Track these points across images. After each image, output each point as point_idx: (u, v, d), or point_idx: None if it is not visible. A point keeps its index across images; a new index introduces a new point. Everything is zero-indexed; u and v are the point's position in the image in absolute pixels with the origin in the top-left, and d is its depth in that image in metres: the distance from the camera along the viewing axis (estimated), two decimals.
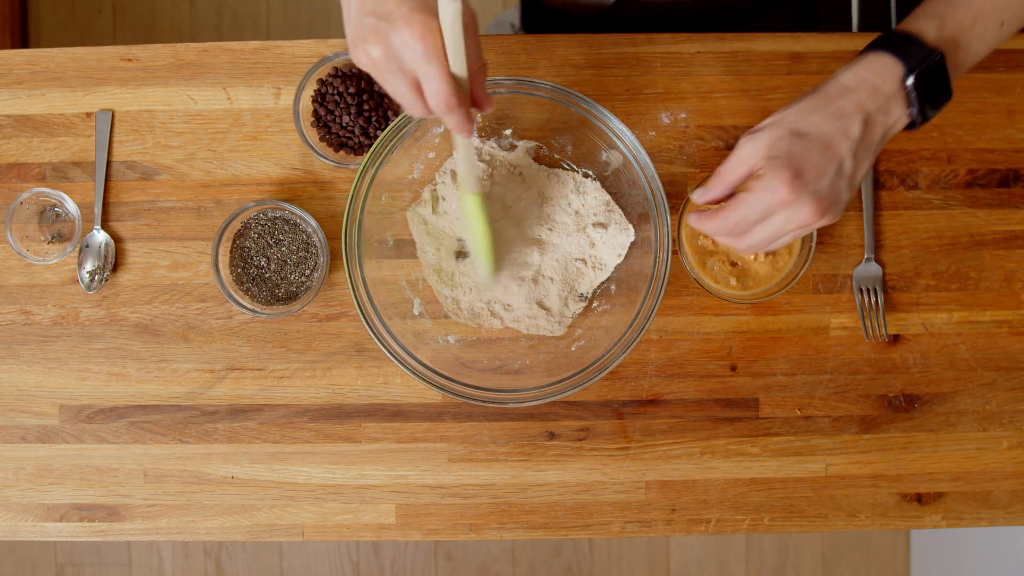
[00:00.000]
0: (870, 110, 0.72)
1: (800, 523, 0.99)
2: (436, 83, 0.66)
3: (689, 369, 0.98)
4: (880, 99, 0.72)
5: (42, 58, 0.99)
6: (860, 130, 0.72)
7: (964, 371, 0.99)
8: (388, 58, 0.66)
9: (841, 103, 0.72)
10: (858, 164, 0.73)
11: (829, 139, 0.71)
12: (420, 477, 0.99)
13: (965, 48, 0.76)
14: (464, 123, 0.70)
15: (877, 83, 0.73)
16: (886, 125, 0.73)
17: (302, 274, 0.97)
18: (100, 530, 1.00)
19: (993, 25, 0.76)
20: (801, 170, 0.70)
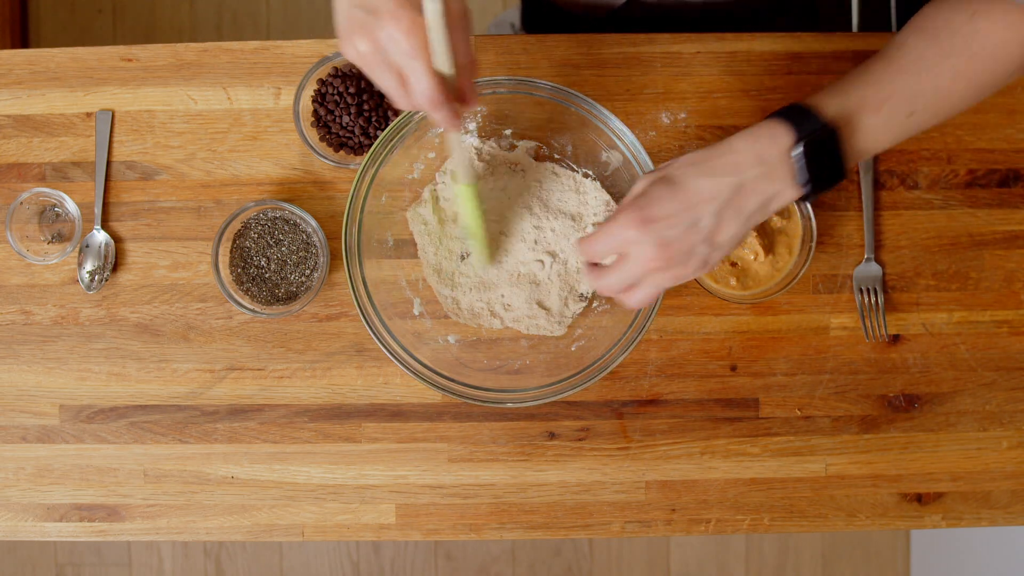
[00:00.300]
0: (747, 176, 0.72)
1: (800, 523, 0.99)
2: (419, 79, 0.67)
3: (689, 369, 0.98)
4: (762, 167, 0.72)
5: (42, 58, 0.99)
6: (730, 193, 0.71)
7: (964, 371, 0.99)
8: (375, 52, 0.67)
9: (720, 162, 0.72)
10: (721, 225, 0.72)
11: (694, 194, 0.71)
12: (420, 477, 0.99)
13: (866, 131, 0.75)
14: (449, 118, 0.70)
15: (762, 150, 0.72)
16: (765, 193, 0.72)
17: (302, 274, 0.97)
18: (100, 530, 1.00)
19: (901, 113, 0.75)
20: (652, 215, 0.71)
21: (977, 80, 0.76)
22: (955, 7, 0.76)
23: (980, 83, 0.76)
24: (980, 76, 0.75)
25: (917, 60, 0.75)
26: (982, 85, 0.76)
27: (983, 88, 0.77)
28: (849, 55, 0.98)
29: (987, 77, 0.76)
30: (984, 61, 0.75)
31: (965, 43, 0.74)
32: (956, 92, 0.76)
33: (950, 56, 0.74)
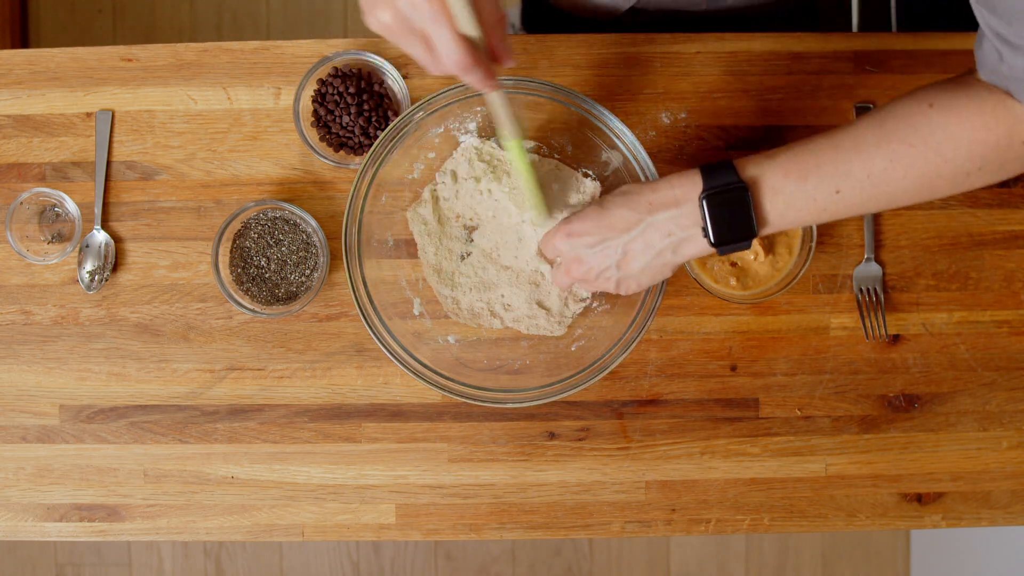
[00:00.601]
0: (659, 216, 0.77)
1: (800, 523, 0.99)
2: (446, 44, 0.66)
3: (689, 369, 0.98)
4: (674, 210, 0.77)
5: (42, 58, 0.99)
6: (640, 228, 0.78)
7: (964, 371, 0.99)
8: (398, 21, 0.66)
9: (641, 198, 0.78)
10: (628, 255, 0.79)
11: (611, 221, 0.79)
12: (420, 477, 0.99)
13: (785, 197, 0.75)
14: (484, 80, 0.69)
15: (678, 195, 0.77)
16: (674, 235, 0.77)
17: (302, 274, 0.97)
18: (100, 530, 1.00)
19: (826, 188, 0.74)
20: (574, 230, 0.80)
21: (918, 170, 0.73)
22: (917, 98, 0.74)
23: (923, 174, 0.73)
24: (923, 167, 0.73)
25: (857, 141, 0.74)
26: (926, 177, 0.73)
27: (929, 182, 0.73)
28: (849, 55, 0.98)
29: (931, 169, 0.73)
30: (928, 152, 0.72)
31: (911, 132, 0.72)
32: (893, 179, 0.73)
33: (892, 142, 0.73)
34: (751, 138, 0.98)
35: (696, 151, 0.98)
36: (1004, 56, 0.68)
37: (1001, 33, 0.67)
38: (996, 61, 0.69)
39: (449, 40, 0.65)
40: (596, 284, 0.83)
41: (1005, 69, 0.69)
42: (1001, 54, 0.68)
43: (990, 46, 0.69)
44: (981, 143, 0.71)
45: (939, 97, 0.73)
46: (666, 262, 0.79)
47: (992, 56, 0.69)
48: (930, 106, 0.72)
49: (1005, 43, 0.67)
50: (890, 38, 0.98)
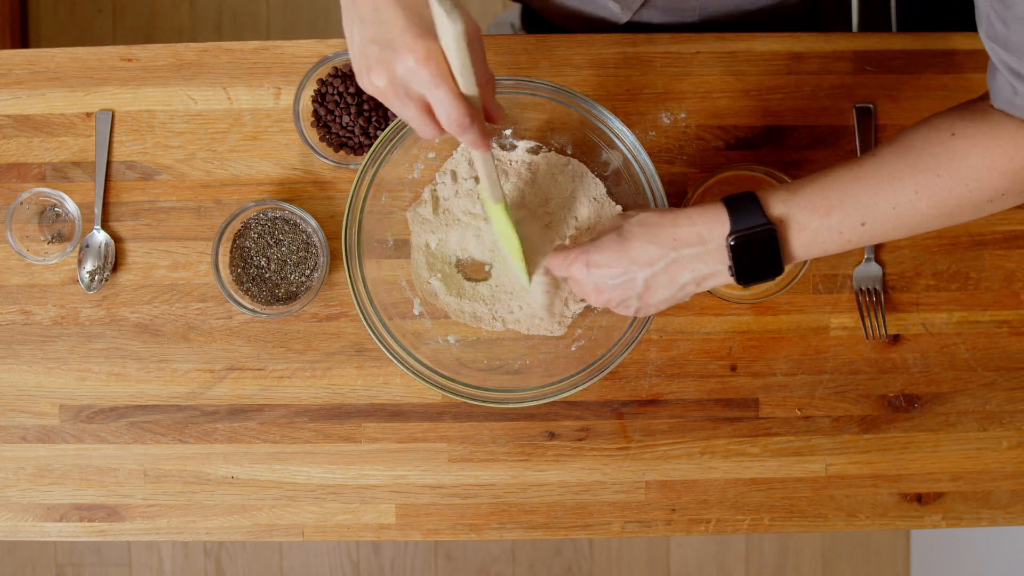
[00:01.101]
0: (684, 253, 0.76)
1: (800, 523, 0.99)
2: (447, 106, 0.66)
3: (689, 369, 0.98)
4: (699, 247, 0.76)
5: (42, 58, 0.99)
6: (665, 265, 0.77)
7: (964, 371, 0.99)
8: (394, 86, 0.66)
9: (665, 234, 0.76)
10: (651, 289, 0.78)
11: (634, 255, 0.77)
12: (420, 477, 0.99)
13: (813, 233, 0.75)
14: (480, 139, 0.69)
15: (703, 232, 0.76)
16: (699, 272, 0.77)
17: (302, 274, 0.97)
18: (100, 530, 1.00)
19: (852, 221, 0.74)
20: (595, 260, 0.79)
21: (943, 200, 0.73)
22: (937, 126, 0.74)
23: (947, 204, 0.73)
24: (947, 198, 0.73)
25: (881, 172, 0.74)
26: (950, 207, 0.74)
27: (952, 211, 0.74)
28: (849, 55, 0.98)
29: (955, 199, 0.73)
30: (953, 183, 0.72)
31: (935, 162, 0.72)
32: (919, 210, 0.74)
33: (916, 173, 0.73)
34: (751, 138, 0.98)
35: (696, 151, 0.98)
36: (1018, 90, 0.69)
37: (1014, 68, 0.67)
38: (1010, 94, 0.70)
39: (450, 102, 0.65)
40: (615, 310, 0.82)
41: (1019, 101, 0.69)
42: (1015, 88, 0.69)
43: (1004, 79, 0.70)
44: (1003, 173, 0.72)
45: (960, 126, 0.73)
46: (688, 293, 0.79)
47: (1006, 89, 0.70)
48: (952, 135, 0.73)
49: (1018, 77, 0.68)
50: (890, 38, 0.98)
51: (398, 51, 0.64)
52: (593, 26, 1.05)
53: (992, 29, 0.67)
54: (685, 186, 0.98)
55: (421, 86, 0.65)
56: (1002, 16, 0.65)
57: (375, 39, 0.65)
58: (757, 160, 0.98)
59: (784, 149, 0.98)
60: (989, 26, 0.68)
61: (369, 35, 0.66)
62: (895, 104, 0.98)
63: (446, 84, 0.65)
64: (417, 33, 0.64)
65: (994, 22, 0.66)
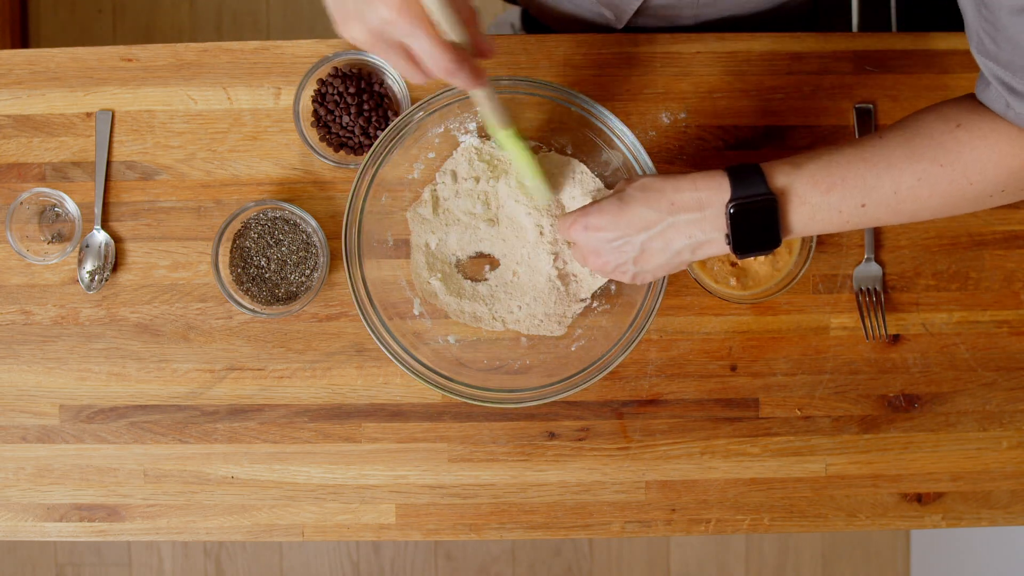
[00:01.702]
0: (681, 218, 0.76)
1: (800, 523, 0.99)
2: (429, 53, 0.65)
3: (689, 369, 0.98)
4: (698, 213, 0.76)
5: (42, 58, 0.99)
6: (661, 229, 0.77)
7: (964, 371, 0.99)
8: (372, 36, 0.65)
9: (665, 199, 0.76)
10: (645, 253, 0.78)
11: (631, 218, 0.77)
12: (420, 477, 0.99)
13: (811, 208, 0.75)
14: (472, 79, 0.68)
15: (703, 199, 0.76)
16: (696, 238, 0.77)
17: (302, 274, 0.97)
18: (100, 530, 1.00)
19: (852, 201, 0.75)
20: (593, 223, 0.79)
21: (944, 190, 0.73)
22: (943, 115, 0.74)
23: (948, 194, 0.74)
24: (948, 187, 0.73)
25: (884, 155, 0.74)
26: (951, 197, 0.74)
27: (953, 201, 0.74)
28: (849, 55, 0.98)
29: (956, 189, 0.73)
30: (955, 173, 0.73)
31: (939, 151, 0.73)
32: (919, 197, 0.74)
33: (921, 160, 0.73)
34: (751, 138, 0.98)
35: (696, 151, 0.98)
36: (1011, 104, 0.69)
37: (1007, 82, 0.67)
38: (1003, 107, 0.70)
39: (432, 48, 0.65)
40: (611, 275, 0.82)
41: (1012, 115, 0.70)
42: (1008, 102, 0.69)
43: (996, 92, 0.70)
44: (1007, 168, 0.72)
45: (967, 118, 0.73)
46: (684, 260, 0.79)
47: (999, 102, 0.70)
48: (957, 126, 0.73)
49: (1012, 92, 0.68)
50: (890, 38, 0.98)
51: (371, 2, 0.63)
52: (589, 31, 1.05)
53: (983, 45, 0.67)
54: None
55: (400, 35, 0.64)
56: (992, 35, 0.65)
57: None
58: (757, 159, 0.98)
59: (784, 149, 0.98)
60: (979, 43, 0.68)
61: None
62: (895, 104, 0.98)
63: (424, 31, 0.64)
64: None
65: (984, 40, 0.67)
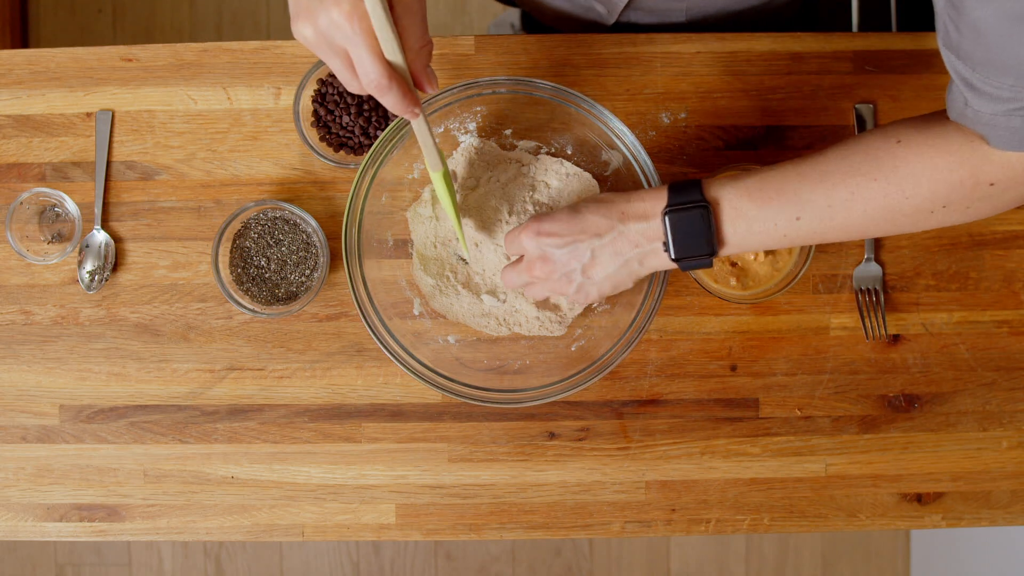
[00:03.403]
0: (630, 227, 0.78)
1: (800, 523, 0.99)
2: (364, 65, 0.66)
3: (689, 369, 0.98)
4: (643, 223, 0.78)
5: (42, 58, 0.99)
6: (611, 236, 0.79)
7: (964, 371, 0.99)
8: (319, 37, 0.66)
9: (614, 208, 0.79)
10: (596, 260, 0.80)
11: (583, 225, 0.79)
12: (420, 477, 0.99)
13: (748, 221, 0.76)
14: (401, 103, 0.70)
15: (647, 208, 0.78)
16: (640, 247, 0.79)
17: (302, 274, 0.97)
18: (100, 530, 1.00)
19: (787, 215, 0.75)
20: (545, 229, 0.80)
21: (879, 204, 0.73)
22: (886, 132, 0.74)
23: (884, 207, 0.74)
24: (883, 200, 0.73)
25: (820, 170, 0.75)
26: (887, 211, 0.74)
27: (890, 216, 0.74)
28: (849, 55, 0.98)
29: (892, 203, 0.73)
30: (889, 187, 0.73)
31: (875, 166, 0.73)
32: (853, 212, 0.74)
33: (855, 175, 0.74)
34: (751, 138, 0.98)
35: (696, 151, 0.98)
36: (969, 101, 0.68)
37: (966, 77, 0.67)
38: (962, 105, 0.70)
39: (368, 60, 0.66)
40: (556, 285, 0.82)
41: (970, 113, 0.69)
42: (967, 99, 0.68)
43: (957, 91, 0.70)
44: (944, 182, 0.72)
45: (907, 134, 0.73)
46: (631, 272, 0.80)
47: (959, 100, 0.70)
48: (897, 142, 0.73)
49: (970, 88, 0.67)
50: (890, 38, 0.98)
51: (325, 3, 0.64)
52: (581, 28, 1.05)
53: (947, 36, 0.67)
54: None
55: (343, 41, 0.66)
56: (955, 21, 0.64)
57: None
58: (757, 160, 0.98)
59: (784, 149, 0.98)
60: (945, 33, 0.67)
61: None
62: (895, 104, 0.98)
63: (365, 42, 0.65)
64: None
65: (948, 28, 0.66)
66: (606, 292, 0.82)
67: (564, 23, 1.07)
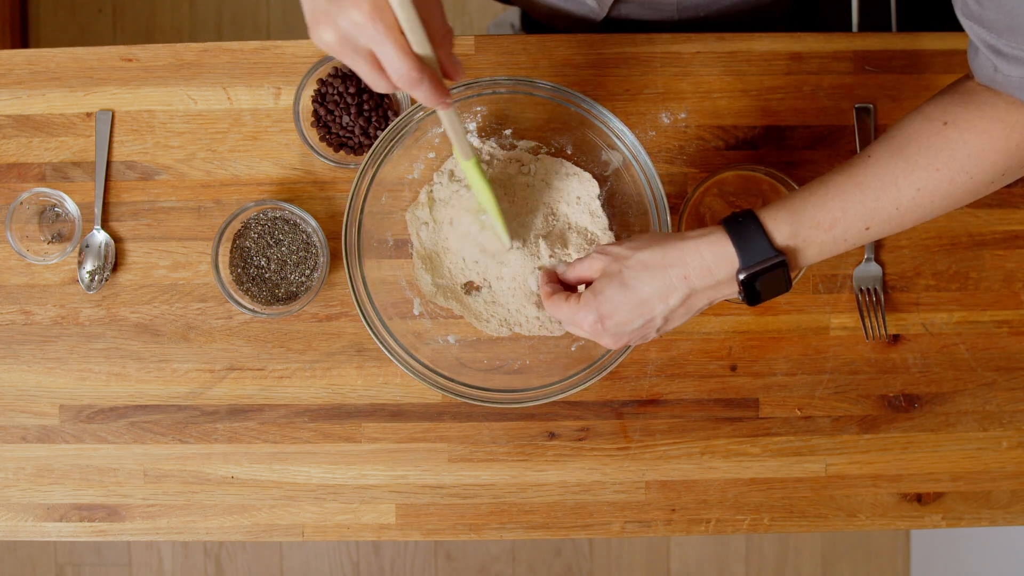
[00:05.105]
0: (696, 287, 0.75)
1: (800, 523, 0.99)
2: (394, 61, 0.65)
3: (689, 369, 0.98)
4: (710, 280, 0.74)
5: (42, 58, 0.99)
6: (680, 300, 0.75)
7: (964, 371, 0.99)
8: (341, 40, 0.65)
9: (673, 272, 0.74)
10: (669, 322, 0.77)
11: (646, 299, 0.75)
12: (420, 477, 0.99)
13: (818, 247, 0.75)
14: (434, 95, 0.68)
15: (711, 266, 0.74)
16: (712, 298, 0.76)
17: (302, 274, 0.97)
18: (100, 530, 1.00)
19: (856, 228, 0.74)
20: (605, 316, 0.76)
21: (944, 192, 0.73)
22: (928, 116, 0.73)
23: (948, 195, 0.73)
24: (948, 188, 0.72)
25: (879, 175, 0.73)
26: (953, 194, 0.73)
27: (957, 196, 0.73)
28: (849, 55, 0.98)
29: (957, 187, 0.72)
30: (953, 172, 0.72)
31: (932, 156, 0.72)
32: (921, 206, 0.73)
33: (916, 170, 0.72)
34: (751, 138, 0.98)
35: (696, 151, 0.98)
36: (999, 67, 0.68)
37: (992, 44, 0.67)
38: (991, 71, 0.69)
39: (396, 56, 0.64)
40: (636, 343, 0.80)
41: (1000, 79, 0.69)
42: (996, 65, 0.68)
43: (984, 58, 0.69)
44: (1003, 152, 0.71)
45: (951, 112, 0.72)
46: (700, 310, 0.78)
47: (987, 67, 0.69)
48: (944, 124, 0.72)
49: (998, 54, 0.67)
50: (890, 38, 0.98)
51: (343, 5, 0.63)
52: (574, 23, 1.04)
53: (967, 8, 0.67)
54: (685, 186, 0.98)
55: (367, 41, 0.64)
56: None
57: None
58: (757, 160, 0.98)
59: (784, 149, 0.98)
60: (964, 5, 0.67)
61: None
62: (895, 104, 0.98)
63: (392, 39, 0.64)
64: None
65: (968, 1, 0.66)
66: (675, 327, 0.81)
67: (558, 19, 1.07)
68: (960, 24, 0.73)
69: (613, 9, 0.99)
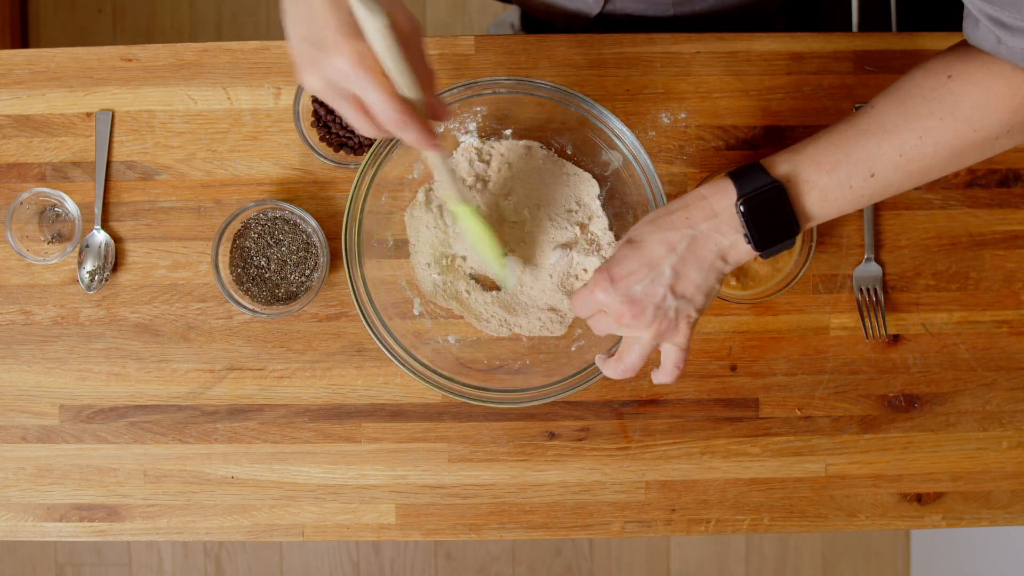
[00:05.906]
0: (700, 229, 0.74)
1: (800, 523, 0.99)
2: (379, 104, 0.65)
3: (689, 369, 0.98)
4: (713, 220, 0.74)
5: (42, 58, 0.99)
6: (685, 245, 0.74)
7: (964, 371, 0.99)
8: (327, 86, 0.65)
9: (675, 217, 0.74)
10: (681, 275, 0.74)
11: (652, 249, 0.74)
12: (420, 477, 0.99)
13: (822, 190, 0.74)
14: (423, 138, 0.68)
15: (712, 204, 0.74)
16: (719, 244, 0.74)
17: (302, 274, 0.97)
18: (100, 530, 1.00)
19: (860, 173, 0.73)
20: (616, 273, 0.75)
21: (949, 142, 0.73)
22: (930, 71, 0.74)
23: (953, 146, 0.73)
24: (952, 138, 0.73)
25: (881, 122, 0.73)
26: (956, 148, 0.73)
27: (959, 152, 0.73)
28: (849, 55, 0.98)
29: (961, 140, 0.72)
30: (956, 123, 0.72)
31: (935, 106, 0.72)
32: (925, 155, 0.73)
33: (919, 119, 0.72)
34: (751, 138, 0.98)
35: (696, 151, 0.98)
36: (1002, 39, 0.68)
37: (995, 16, 0.67)
38: (995, 43, 0.69)
39: (381, 100, 0.64)
40: (653, 323, 0.75)
41: (1004, 51, 0.69)
42: (999, 37, 0.68)
43: (986, 30, 0.69)
44: (1007, 108, 0.71)
45: (955, 67, 0.72)
46: (718, 272, 0.76)
47: (990, 38, 0.70)
48: (948, 77, 0.72)
49: (1001, 26, 0.67)
50: (890, 38, 0.99)
51: (327, 52, 0.63)
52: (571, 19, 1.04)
53: None
54: (685, 186, 0.98)
55: (352, 87, 0.64)
56: None
57: (306, 38, 0.64)
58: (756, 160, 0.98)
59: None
60: None
61: (302, 33, 0.65)
62: None
63: (376, 83, 0.64)
64: (347, 33, 0.63)
65: None
66: (702, 304, 0.76)
67: (556, 16, 1.07)
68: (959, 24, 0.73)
69: (609, 3, 0.99)
